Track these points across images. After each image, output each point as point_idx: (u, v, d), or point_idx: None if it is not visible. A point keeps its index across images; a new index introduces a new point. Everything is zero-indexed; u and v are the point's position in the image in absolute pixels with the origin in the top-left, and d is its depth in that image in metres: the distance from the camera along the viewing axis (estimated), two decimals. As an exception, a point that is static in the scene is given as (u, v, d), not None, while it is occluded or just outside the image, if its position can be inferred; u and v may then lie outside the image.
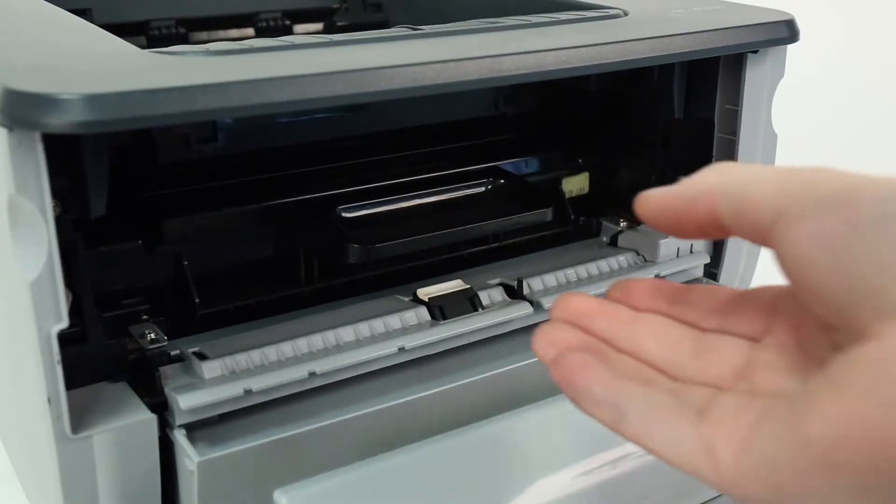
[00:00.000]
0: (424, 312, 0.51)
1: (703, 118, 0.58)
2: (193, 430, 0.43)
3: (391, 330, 0.50)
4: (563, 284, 0.55)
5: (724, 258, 0.61)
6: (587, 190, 0.64)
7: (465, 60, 0.41)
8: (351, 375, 0.48)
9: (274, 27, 0.77)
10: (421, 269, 0.56)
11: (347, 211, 0.54)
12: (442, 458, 0.42)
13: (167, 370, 0.45)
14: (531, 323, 0.52)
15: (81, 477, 0.41)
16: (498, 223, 0.56)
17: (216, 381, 0.44)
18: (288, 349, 0.47)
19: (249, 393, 0.44)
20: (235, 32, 0.76)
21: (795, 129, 0.69)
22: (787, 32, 0.54)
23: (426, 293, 0.52)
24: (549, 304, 0.52)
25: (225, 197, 0.52)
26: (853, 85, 1.26)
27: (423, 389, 0.47)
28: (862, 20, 1.36)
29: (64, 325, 0.38)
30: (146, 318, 0.49)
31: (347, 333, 0.49)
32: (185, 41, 0.73)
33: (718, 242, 0.61)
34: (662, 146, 0.61)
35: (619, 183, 0.64)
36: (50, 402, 0.38)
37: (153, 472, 0.43)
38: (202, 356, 0.46)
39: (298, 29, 0.78)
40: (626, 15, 0.54)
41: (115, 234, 0.48)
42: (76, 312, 0.42)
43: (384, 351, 0.48)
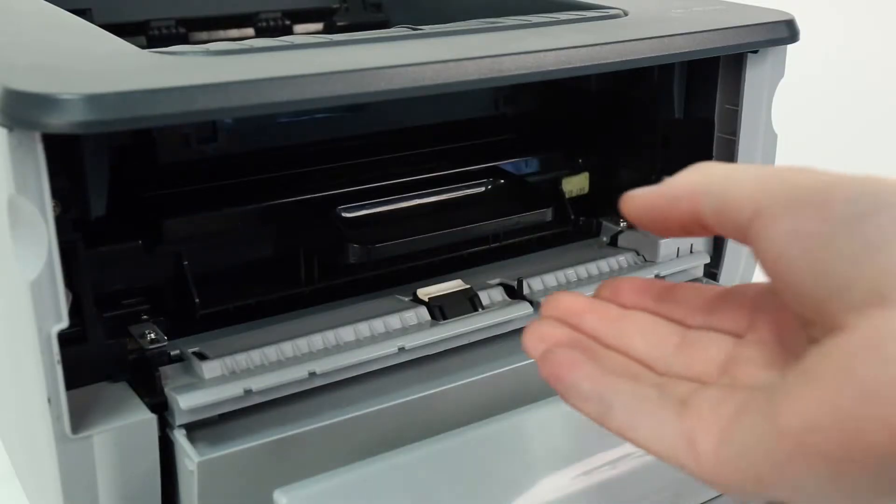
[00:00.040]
0: (424, 312, 0.51)
1: (703, 118, 0.58)
2: (193, 430, 0.43)
3: (391, 330, 0.50)
4: (563, 284, 0.55)
5: (724, 258, 0.61)
6: (587, 190, 0.64)
7: (465, 60, 0.41)
8: (351, 375, 0.48)
9: (274, 27, 0.77)
10: (421, 269, 0.56)
11: (347, 211, 0.54)
12: (442, 458, 0.42)
13: (167, 370, 0.45)
14: (531, 323, 0.52)
15: (81, 477, 0.41)
16: (498, 223, 0.56)
17: (216, 381, 0.44)
18: (288, 349, 0.47)
19: (249, 393, 0.44)
20: (235, 32, 0.76)
21: (795, 129, 0.69)
22: (787, 32, 0.54)
23: (426, 293, 0.52)
24: (548, 304, 0.52)
25: (225, 197, 0.52)
26: (853, 85, 1.26)
27: (423, 389, 0.47)
28: (862, 20, 1.36)
29: (64, 325, 0.38)
30: (146, 318, 0.48)
31: (347, 333, 0.49)
32: (185, 41, 0.73)
33: (718, 242, 0.61)
34: (662, 146, 0.61)
35: (619, 183, 0.64)
36: (50, 402, 0.38)
37: (153, 472, 0.43)
38: (202, 356, 0.46)
39: (298, 29, 0.78)
40: (626, 15, 0.54)
41: (115, 234, 0.48)
42: (76, 312, 0.42)
43: (384, 351, 0.48)
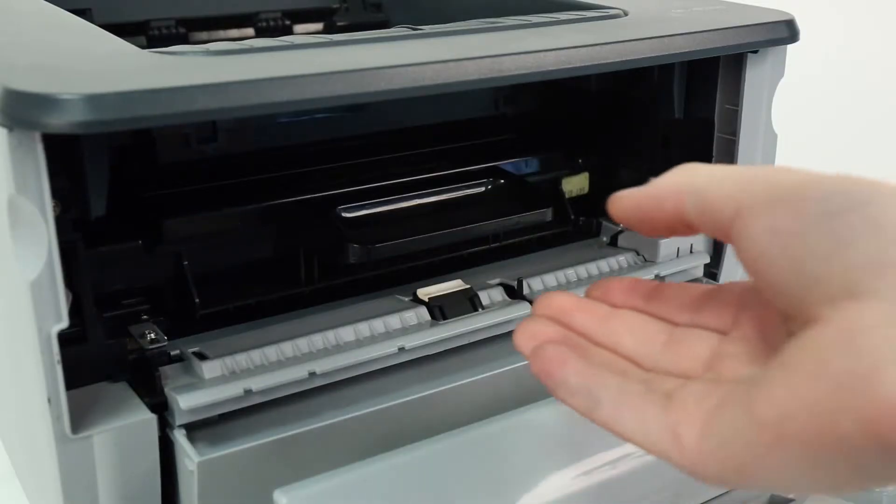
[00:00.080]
0: (424, 312, 0.51)
1: (703, 118, 0.58)
2: (193, 430, 0.43)
3: (391, 330, 0.50)
4: (563, 284, 0.55)
5: (724, 258, 0.61)
6: (587, 190, 0.64)
7: (465, 60, 0.41)
8: (351, 375, 0.48)
9: (274, 27, 0.77)
10: (421, 269, 0.56)
11: (347, 211, 0.54)
12: (442, 458, 0.42)
13: (167, 370, 0.45)
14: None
15: (81, 477, 0.41)
16: (498, 223, 0.56)
17: (216, 381, 0.44)
18: (288, 349, 0.47)
19: (249, 393, 0.44)
20: (235, 32, 0.76)
21: (795, 129, 0.69)
22: (787, 32, 0.54)
23: (426, 293, 0.52)
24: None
25: (225, 197, 0.52)
26: (853, 85, 1.26)
27: (423, 389, 0.47)
28: (862, 20, 1.36)
29: (64, 325, 0.38)
30: (146, 318, 0.48)
31: (347, 333, 0.49)
32: (185, 41, 0.73)
33: (718, 243, 0.61)
34: (662, 146, 0.61)
35: (619, 183, 0.63)
36: (50, 402, 0.38)
37: (153, 472, 0.43)
38: (202, 356, 0.46)
39: (298, 29, 0.78)
40: (626, 15, 0.54)
41: (115, 234, 0.48)
42: (76, 312, 0.42)
43: (384, 351, 0.48)
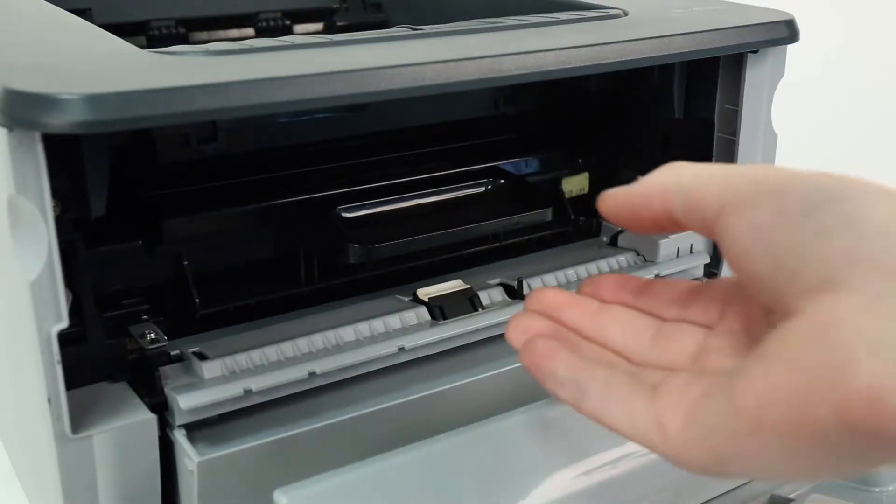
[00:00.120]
0: (424, 312, 0.51)
1: (703, 118, 0.58)
2: (193, 430, 0.43)
3: (391, 330, 0.50)
4: (563, 284, 0.55)
5: (723, 258, 0.60)
6: (587, 190, 0.64)
7: (465, 60, 0.41)
8: (351, 375, 0.48)
9: (274, 27, 0.77)
10: (421, 269, 0.56)
11: (347, 211, 0.54)
12: (442, 458, 0.42)
13: (167, 370, 0.45)
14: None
15: (81, 477, 0.41)
16: (498, 223, 0.56)
17: (216, 381, 0.44)
18: (288, 349, 0.47)
19: (249, 393, 0.44)
20: (235, 32, 0.76)
21: (795, 129, 0.69)
22: (787, 32, 0.54)
23: (426, 293, 0.52)
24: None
25: (225, 197, 0.52)
26: (853, 85, 1.26)
27: (423, 389, 0.47)
28: (862, 20, 1.36)
29: (64, 325, 0.38)
30: (146, 318, 0.48)
31: (347, 333, 0.49)
32: (185, 41, 0.73)
33: (718, 243, 0.61)
34: (662, 146, 0.61)
35: (619, 183, 0.63)
36: (50, 402, 0.38)
37: (153, 472, 0.43)
38: (202, 356, 0.46)
39: (298, 29, 0.78)
40: (626, 15, 0.54)
41: (115, 234, 0.48)
42: (76, 312, 0.42)
43: (384, 351, 0.48)
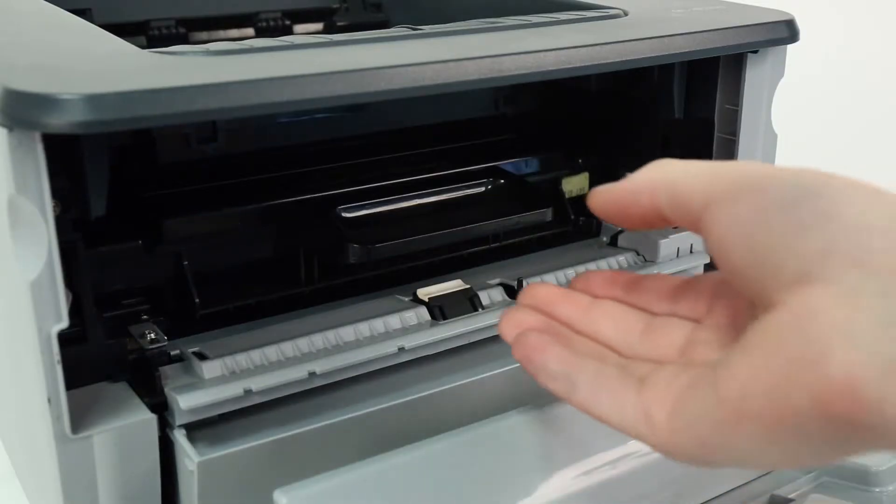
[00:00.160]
0: (424, 312, 0.51)
1: (703, 118, 0.58)
2: (193, 430, 0.43)
3: (391, 330, 0.50)
4: (563, 284, 0.55)
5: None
6: (587, 190, 0.64)
7: (465, 60, 0.41)
8: (351, 375, 0.48)
9: (274, 27, 0.77)
10: (421, 269, 0.56)
11: (347, 211, 0.54)
12: (442, 457, 0.42)
13: (167, 370, 0.45)
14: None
15: (81, 477, 0.41)
16: (498, 223, 0.56)
17: (216, 381, 0.44)
18: (288, 349, 0.47)
19: (249, 393, 0.44)
20: (235, 32, 0.76)
21: (795, 129, 0.69)
22: (787, 32, 0.54)
23: (426, 293, 0.52)
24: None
25: (225, 197, 0.52)
26: (853, 85, 1.26)
27: (423, 389, 0.47)
28: (862, 20, 1.36)
29: (64, 325, 0.38)
30: (146, 318, 0.48)
31: (347, 333, 0.49)
32: (185, 41, 0.73)
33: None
34: (662, 146, 0.61)
35: (619, 183, 0.64)
36: (50, 402, 0.38)
37: (153, 472, 0.43)
38: (202, 356, 0.46)
39: (298, 29, 0.78)
40: (626, 15, 0.54)
41: (115, 234, 0.48)
42: (76, 312, 0.42)
43: (384, 351, 0.48)
